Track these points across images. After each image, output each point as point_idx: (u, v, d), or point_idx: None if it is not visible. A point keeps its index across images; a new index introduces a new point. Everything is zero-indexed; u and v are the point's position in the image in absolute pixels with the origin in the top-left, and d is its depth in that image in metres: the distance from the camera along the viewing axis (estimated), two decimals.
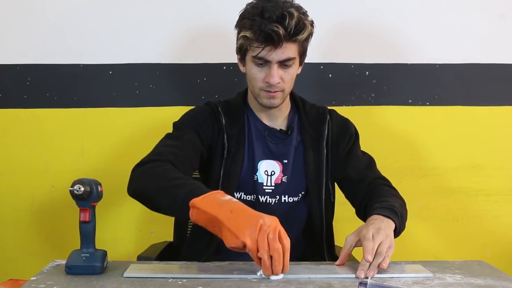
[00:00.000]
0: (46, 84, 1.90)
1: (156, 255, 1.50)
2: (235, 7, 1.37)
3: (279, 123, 1.46)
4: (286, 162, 1.43)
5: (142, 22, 1.89)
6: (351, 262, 1.19)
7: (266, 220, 1.02)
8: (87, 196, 1.08)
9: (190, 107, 1.49)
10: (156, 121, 1.88)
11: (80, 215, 1.10)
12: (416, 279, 1.10)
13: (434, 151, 1.95)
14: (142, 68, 1.90)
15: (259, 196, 1.41)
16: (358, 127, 1.52)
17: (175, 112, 1.50)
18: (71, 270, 1.09)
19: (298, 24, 1.28)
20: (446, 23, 1.92)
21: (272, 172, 1.42)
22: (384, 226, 1.17)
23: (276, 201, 1.42)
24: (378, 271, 1.10)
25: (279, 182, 1.42)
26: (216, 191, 1.10)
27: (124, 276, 1.08)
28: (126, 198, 1.24)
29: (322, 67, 1.91)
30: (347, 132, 1.49)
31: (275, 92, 1.36)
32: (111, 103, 1.91)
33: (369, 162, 1.47)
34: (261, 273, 1.04)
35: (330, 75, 1.92)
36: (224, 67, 1.89)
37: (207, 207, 1.05)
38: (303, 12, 1.33)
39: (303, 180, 1.43)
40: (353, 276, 1.10)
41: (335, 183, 1.48)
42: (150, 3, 1.88)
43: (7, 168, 1.91)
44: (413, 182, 1.94)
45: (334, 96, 1.92)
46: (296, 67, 1.38)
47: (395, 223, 1.21)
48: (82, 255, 1.10)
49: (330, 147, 1.45)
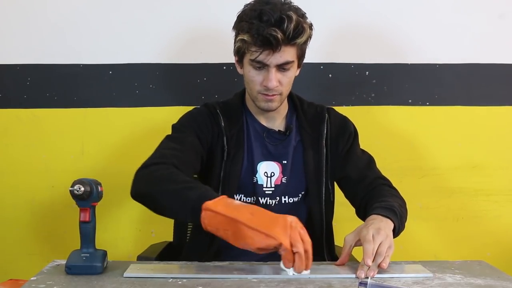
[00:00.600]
0: (46, 84, 1.90)
1: (156, 255, 1.50)
2: (235, 8, 1.36)
3: (277, 124, 1.46)
4: (285, 163, 1.42)
5: (142, 22, 1.89)
6: (351, 262, 1.19)
7: (292, 218, 1.04)
8: (87, 196, 1.08)
9: (189, 107, 1.49)
10: (156, 121, 1.88)
11: (80, 215, 1.10)
12: (416, 279, 1.10)
13: (434, 151, 1.95)
14: (142, 68, 1.90)
15: (259, 198, 1.41)
16: (358, 127, 1.52)
17: (175, 112, 1.50)
18: (71, 270, 1.09)
19: (297, 27, 1.27)
20: (446, 23, 1.92)
21: (272, 174, 1.41)
22: (384, 226, 1.17)
23: (276, 202, 1.41)
24: (378, 271, 1.10)
25: (279, 183, 1.41)
26: (224, 195, 1.10)
27: (124, 276, 1.08)
28: (126, 198, 1.23)
29: (322, 67, 1.91)
30: (346, 130, 1.48)
31: (273, 95, 1.35)
32: (111, 103, 1.91)
33: (369, 161, 1.46)
34: (292, 271, 1.05)
35: (330, 75, 1.92)
36: (223, 67, 1.89)
37: (223, 210, 1.05)
38: (302, 15, 1.32)
39: (302, 180, 1.43)
40: (353, 276, 1.10)
41: (335, 182, 1.48)
42: (150, 4, 1.88)
43: (7, 168, 1.91)
44: (413, 182, 1.94)
45: (334, 96, 1.92)
46: (295, 70, 1.37)
47: (394, 223, 1.21)
48: (82, 255, 1.10)
49: (329, 146, 1.45)
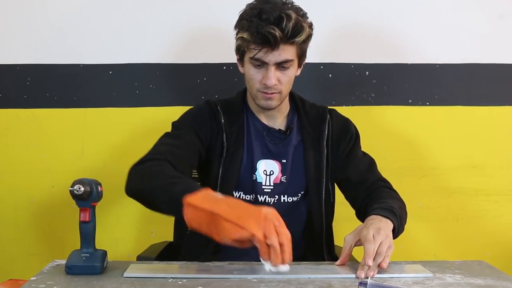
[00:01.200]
0: (46, 84, 1.90)
1: (156, 255, 1.50)
2: (235, 7, 1.36)
3: (278, 123, 1.46)
4: (285, 162, 1.42)
5: (142, 22, 1.89)
6: (351, 262, 1.19)
7: (268, 210, 1.02)
8: (87, 196, 1.08)
9: (190, 107, 1.49)
10: (156, 121, 1.87)
11: (80, 215, 1.10)
12: (416, 279, 1.10)
13: (434, 151, 1.95)
14: (142, 68, 1.90)
15: (258, 196, 1.41)
16: (358, 127, 1.52)
17: (175, 112, 1.50)
18: (71, 270, 1.09)
19: (296, 26, 1.28)
20: (446, 23, 1.92)
21: (271, 172, 1.42)
22: (384, 226, 1.17)
23: (275, 201, 1.42)
24: (378, 271, 1.10)
25: (278, 182, 1.42)
26: (208, 188, 1.09)
27: (124, 276, 1.08)
28: (126, 198, 1.23)
29: (322, 67, 1.91)
30: (348, 132, 1.48)
31: (272, 93, 1.35)
32: (111, 103, 1.91)
33: (369, 164, 1.46)
34: (269, 266, 1.00)
35: (330, 75, 1.92)
36: (224, 67, 1.89)
37: (202, 203, 1.04)
38: (302, 14, 1.32)
39: (302, 180, 1.43)
40: (353, 276, 1.10)
41: (335, 184, 1.48)
42: (150, 4, 1.88)
43: (7, 168, 1.91)
44: (413, 182, 1.94)
45: (334, 96, 1.91)
46: (294, 69, 1.37)
47: (393, 223, 1.21)
48: (82, 255, 1.10)
49: (330, 147, 1.45)
